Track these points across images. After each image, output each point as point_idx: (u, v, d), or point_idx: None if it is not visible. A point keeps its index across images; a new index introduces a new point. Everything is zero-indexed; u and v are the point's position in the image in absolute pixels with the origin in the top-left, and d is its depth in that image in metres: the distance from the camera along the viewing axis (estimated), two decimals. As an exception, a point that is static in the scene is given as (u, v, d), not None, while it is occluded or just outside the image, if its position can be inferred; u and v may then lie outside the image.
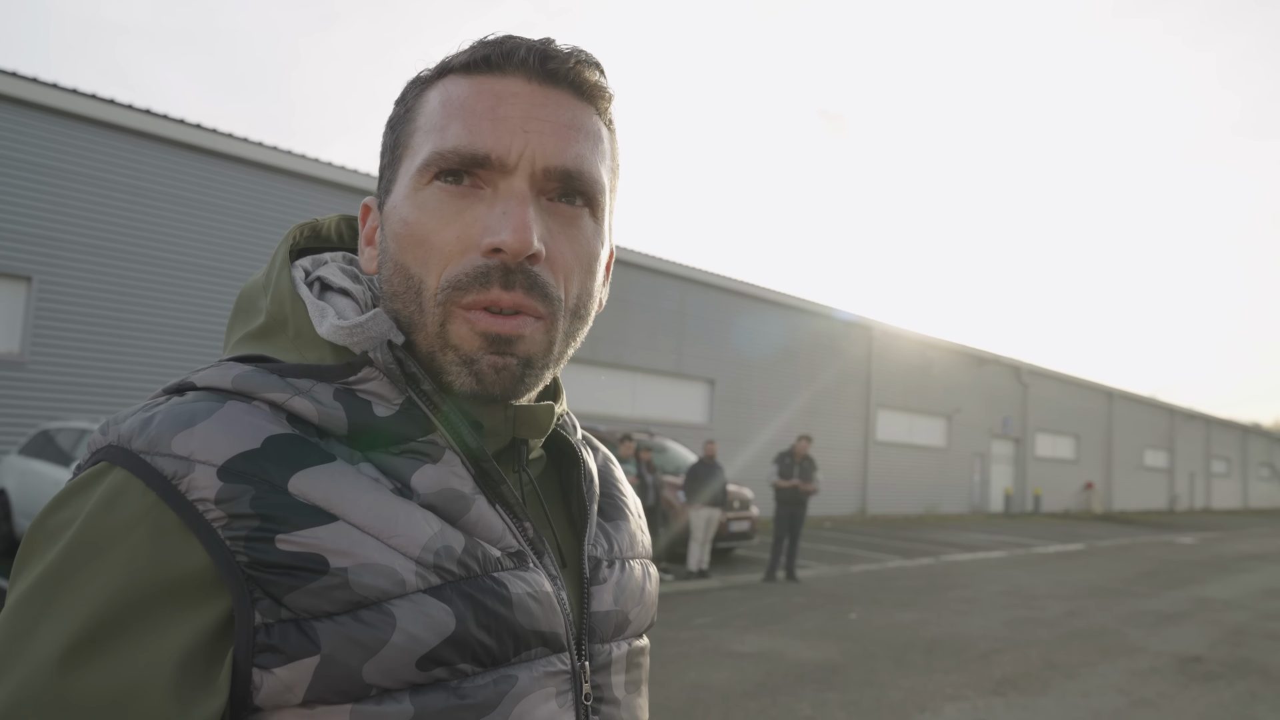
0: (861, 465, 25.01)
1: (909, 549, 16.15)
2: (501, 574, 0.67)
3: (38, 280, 11.50)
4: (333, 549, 0.60)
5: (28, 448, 9.82)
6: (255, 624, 0.58)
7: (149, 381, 12.32)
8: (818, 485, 11.44)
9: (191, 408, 0.63)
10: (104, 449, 0.64)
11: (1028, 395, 32.59)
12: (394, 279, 0.70)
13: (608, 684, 0.75)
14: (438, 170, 0.68)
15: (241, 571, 0.58)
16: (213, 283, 12.92)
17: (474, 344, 0.67)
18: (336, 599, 0.59)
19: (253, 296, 0.76)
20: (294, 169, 13.70)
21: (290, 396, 0.65)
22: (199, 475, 0.60)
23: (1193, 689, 6.48)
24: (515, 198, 0.67)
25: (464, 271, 0.66)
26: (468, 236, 0.67)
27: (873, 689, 5.98)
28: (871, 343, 25.47)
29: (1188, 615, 9.88)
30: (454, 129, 0.68)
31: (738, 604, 9.24)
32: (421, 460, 0.68)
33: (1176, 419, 45.57)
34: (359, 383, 0.67)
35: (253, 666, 0.58)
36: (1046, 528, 24.89)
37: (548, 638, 0.69)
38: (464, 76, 0.70)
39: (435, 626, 0.62)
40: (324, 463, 0.63)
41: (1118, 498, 38.80)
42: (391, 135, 0.74)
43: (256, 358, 0.69)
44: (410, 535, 0.63)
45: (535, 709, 0.66)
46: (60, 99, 11.53)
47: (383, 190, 0.74)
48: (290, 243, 0.79)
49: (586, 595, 0.75)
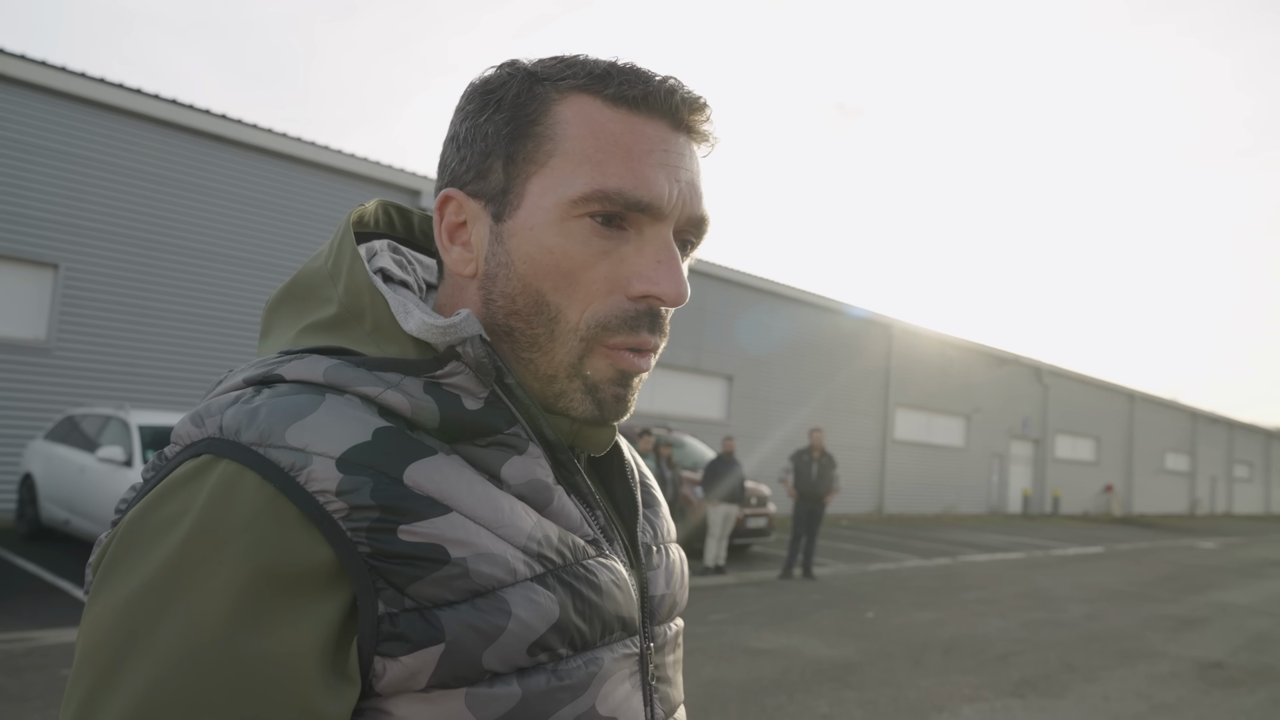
0: (879, 464, 24.92)
1: (926, 549, 16.08)
2: (589, 561, 0.70)
3: (64, 268, 11.63)
4: (451, 539, 0.62)
5: (53, 433, 9.93)
6: (379, 613, 0.59)
7: (174, 369, 12.45)
8: (838, 485, 11.36)
9: (296, 400, 0.63)
10: (204, 441, 0.62)
11: (1048, 396, 32.36)
12: (519, 298, 0.70)
13: (663, 663, 0.79)
14: (597, 209, 0.68)
15: (365, 562, 0.59)
16: (235, 272, 13.02)
17: (606, 378, 0.70)
18: (457, 588, 0.61)
19: (316, 284, 0.74)
20: (317, 160, 13.77)
21: (383, 390, 0.65)
22: (317, 467, 0.60)
23: (1214, 695, 6.42)
24: (667, 247, 0.70)
25: (613, 314, 0.69)
26: (616, 278, 0.69)
27: (890, 688, 5.96)
28: (890, 341, 25.36)
29: (1208, 620, 9.79)
30: (615, 168, 0.67)
31: (754, 600, 9.23)
32: (509, 452, 0.69)
33: (1199, 422, 45.12)
34: (445, 376, 0.67)
35: (375, 655, 0.59)
36: (1065, 530, 24.72)
37: (626, 622, 0.72)
38: (606, 105, 0.69)
39: (543, 614, 0.64)
40: (430, 455, 0.64)
41: (1138, 501, 38.48)
42: (505, 139, 0.70)
43: (336, 350, 0.69)
44: (515, 525, 0.65)
45: (615, 689, 0.70)
46: (87, 88, 11.64)
47: (492, 196, 0.71)
48: (352, 231, 0.77)
49: (644, 580, 0.78)
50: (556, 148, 0.69)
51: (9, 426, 11.23)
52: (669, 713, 0.78)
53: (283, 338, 0.74)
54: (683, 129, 0.71)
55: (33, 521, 9.85)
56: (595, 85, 0.69)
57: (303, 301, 0.75)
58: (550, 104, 0.70)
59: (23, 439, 11.07)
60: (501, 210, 0.70)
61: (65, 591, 7.49)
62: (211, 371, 12.73)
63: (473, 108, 0.73)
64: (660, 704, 0.77)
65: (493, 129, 0.71)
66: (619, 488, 0.82)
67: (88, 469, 8.75)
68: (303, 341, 0.71)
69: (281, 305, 0.76)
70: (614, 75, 0.69)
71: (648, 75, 0.70)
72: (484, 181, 0.71)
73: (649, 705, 0.74)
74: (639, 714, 0.72)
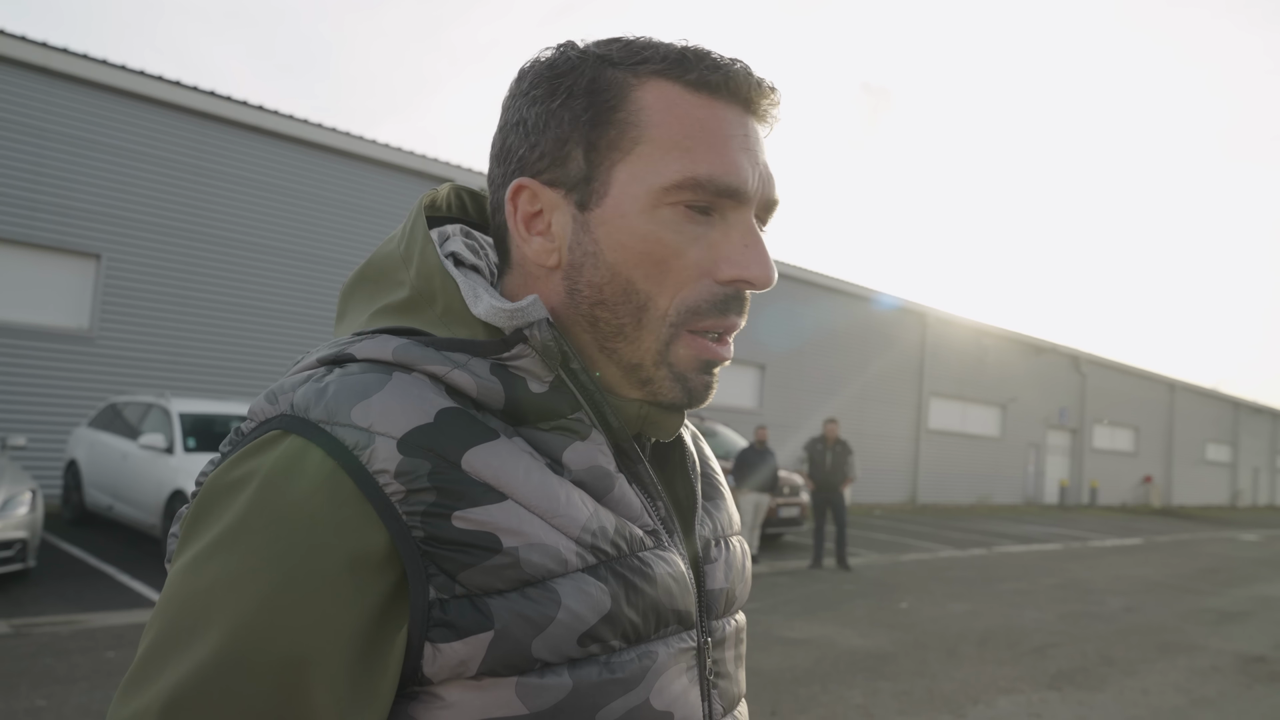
0: (913, 453, 24.72)
1: (961, 539, 15.95)
2: (645, 554, 0.69)
3: (106, 258, 11.83)
4: (504, 528, 0.62)
5: (96, 420, 10.12)
6: (430, 599, 0.60)
7: (214, 358, 12.64)
8: (854, 473, 11.30)
9: (363, 379, 0.64)
10: (276, 418, 0.64)
11: (1086, 385, 31.90)
12: (607, 288, 0.69)
13: (723, 659, 0.78)
14: (689, 197, 0.68)
15: (418, 547, 0.60)
16: (273, 261, 13.18)
17: (692, 366, 0.71)
18: (508, 577, 0.61)
19: (388, 268, 0.75)
20: (350, 149, 13.88)
21: (450, 369, 0.66)
22: (380, 447, 0.61)
23: (1256, 689, 6.31)
24: (753, 231, 0.71)
25: (703, 299, 0.69)
26: (705, 263, 0.69)
27: (924, 679, 5.92)
28: (925, 329, 25.12)
29: (1250, 614, 9.62)
30: (704, 154, 0.68)
31: (787, 590, 9.21)
32: (571, 437, 0.69)
33: (1241, 412, 44.28)
34: (512, 359, 0.68)
35: (425, 641, 0.60)
36: (1103, 521, 24.40)
37: (683, 615, 0.71)
38: (688, 90, 0.69)
39: (594, 605, 0.64)
40: (490, 439, 0.64)
41: (1178, 492, 37.87)
42: (586, 126, 0.69)
43: (406, 330, 0.70)
44: (570, 516, 0.65)
45: (671, 684, 0.69)
46: (126, 80, 11.82)
47: (574, 185, 0.70)
48: (424, 215, 0.77)
49: (701, 574, 0.77)
50: (642, 134, 0.68)
51: (54, 414, 11.46)
52: (729, 708, 0.77)
53: (357, 320, 0.75)
54: (754, 112, 0.72)
55: (77, 507, 10.06)
56: (675, 70, 0.69)
57: (376, 285, 0.75)
58: (630, 90, 0.69)
59: (67, 426, 11.30)
60: (586, 199, 0.70)
61: (109, 576, 7.65)
62: (250, 360, 12.91)
63: (540, 92, 0.71)
64: (720, 699, 0.76)
65: (569, 115, 0.70)
66: (679, 480, 0.81)
67: (130, 455, 8.91)
68: (375, 323, 0.72)
69: (356, 289, 0.77)
70: (692, 60, 0.69)
71: (721, 60, 0.70)
72: (562, 169, 0.70)
73: (707, 700, 0.74)
74: (696, 709, 0.71)
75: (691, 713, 0.71)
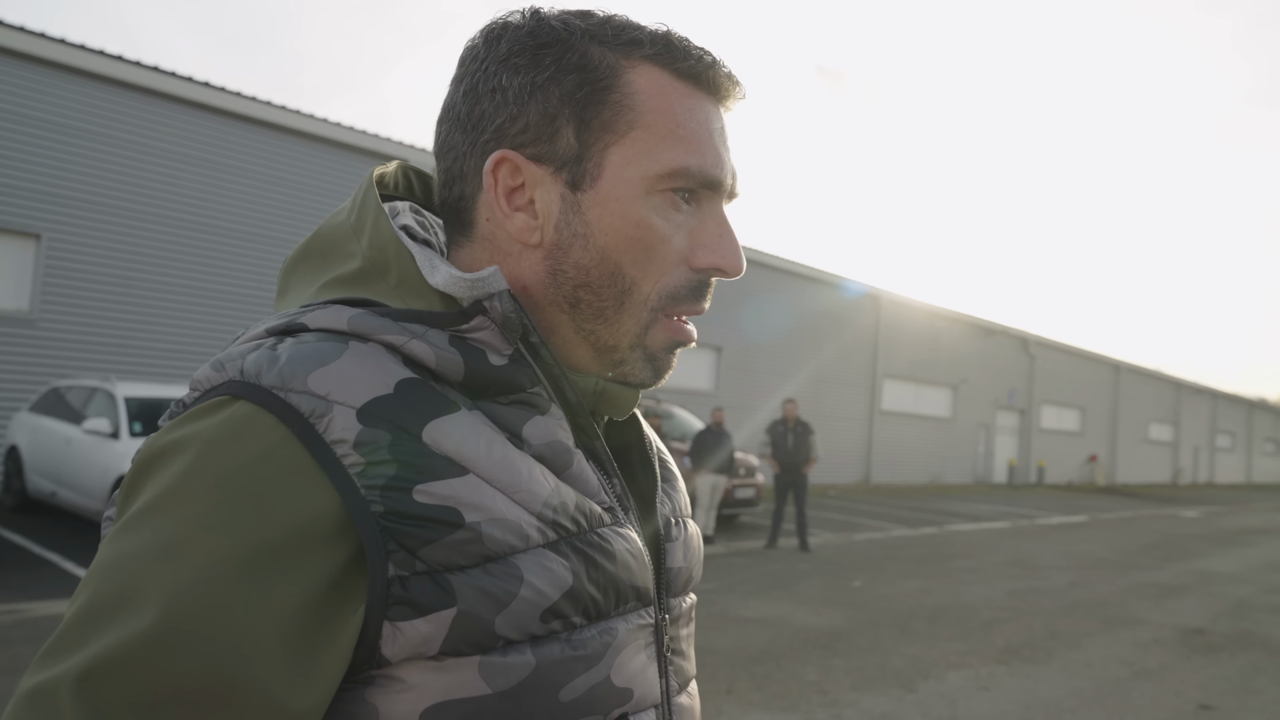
0: (867, 434, 25.05)
1: (913, 518, 16.22)
2: (604, 529, 0.68)
3: (46, 238, 11.49)
4: (466, 502, 0.60)
5: (38, 405, 9.87)
6: (389, 576, 0.57)
7: (160, 340, 12.36)
8: (816, 454, 11.37)
9: (319, 347, 0.62)
10: (224, 384, 0.61)
11: (1034, 367, 32.54)
12: (594, 270, 0.69)
13: (678, 636, 0.78)
14: (680, 185, 0.70)
15: (376, 521, 0.57)
16: (222, 242, 12.90)
17: (664, 346, 0.73)
18: (470, 553, 0.60)
19: (338, 239, 0.73)
20: (302, 128, 13.61)
21: (408, 340, 0.64)
22: (338, 416, 0.59)
23: (1195, 660, 6.52)
24: (726, 221, 0.73)
25: (680, 285, 0.71)
26: (683, 250, 0.71)
27: (877, 655, 6.03)
28: (879, 312, 25.40)
29: (1190, 588, 9.92)
30: (694, 145, 0.70)
31: (743, 570, 9.30)
32: (531, 411, 0.68)
33: (1183, 392, 45.49)
34: (470, 331, 0.66)
35: (384, 620, 0.57)
36: (1050, 499, 24.96)
37: (641, 592, 0.71)
38: (676, 79, 0.71)
39: (556, 581, 0.63)
40: (452, 412, 0.63)
41: (1122, 471, 38.86)
42: (578, 103, 0.68)
43: (360, 301, 0.67)
44: (532, 491, 0.64)
45: (631, 660, 0.69)
46: (69, 55, 11.45)
47: (565, 163, 0.69)
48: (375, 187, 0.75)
49: (662, 552, 0.77)
50: (637, 119, 0.69)
51: (-7, 398, 11.15)
52: (683, 686, 0.77)
53: (302, 294, 0.72)
54: (724, 105, 0.75)
55: (19, 494, 9.82)
56: (664, 58, 0.70)
57: (323, 258, 0.73)
58: (621, 71, 0.69)
59: (8, 411, 11.00)
60: (578, 179, 0.69)
61: (53, 564, 7.48)
62: (198, 343, 12.65)
63: (523, 61, 0.69)
64: (675, 676, 0.76)
65: (560, 91, 0.68)
66: (636, 458, 0.81)
67: (74, 441, 8.71)
68: (325, 295, 0.70)
69: (300, 263, 0.75)
70: (678, 48, 0.71)
71: (702, 50, 0.72)
72: (549, 145, 0.69)
73: (664, 677, 0.73)
74: (655, 685, 0.71)
75: (650, 689, 0.70)
